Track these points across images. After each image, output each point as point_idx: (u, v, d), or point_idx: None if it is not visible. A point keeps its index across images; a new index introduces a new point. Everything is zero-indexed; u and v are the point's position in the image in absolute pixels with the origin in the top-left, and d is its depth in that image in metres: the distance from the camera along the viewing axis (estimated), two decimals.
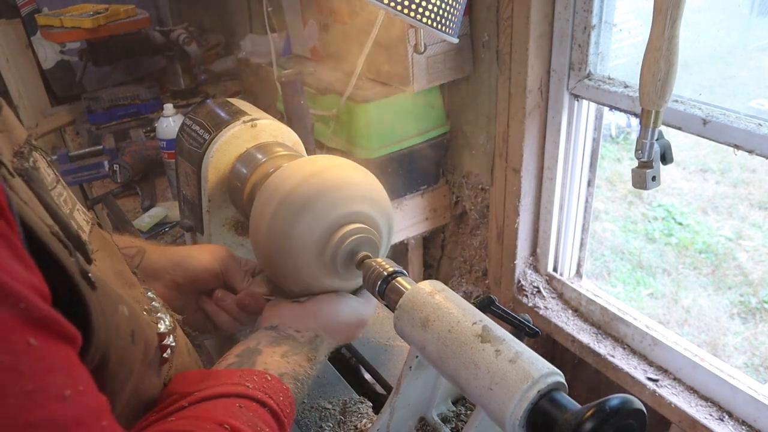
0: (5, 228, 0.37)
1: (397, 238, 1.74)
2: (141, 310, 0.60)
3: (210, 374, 0.64)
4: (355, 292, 0.82)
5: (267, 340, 0.71)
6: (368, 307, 0.81)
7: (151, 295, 0.67)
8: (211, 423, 0.55)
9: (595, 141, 1.47)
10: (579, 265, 1.62)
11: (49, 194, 0.51)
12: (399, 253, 1.85)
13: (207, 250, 0.85)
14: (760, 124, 1.09)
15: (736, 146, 1.12)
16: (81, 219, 0.60)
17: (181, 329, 0.77)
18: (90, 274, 0.46)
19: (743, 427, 1.23)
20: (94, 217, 0.65)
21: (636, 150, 1.01)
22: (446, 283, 0.72)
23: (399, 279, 0.71)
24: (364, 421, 0.81)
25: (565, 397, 0.54)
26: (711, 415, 1.26)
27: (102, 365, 0.48)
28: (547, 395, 0.53)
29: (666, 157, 1.03)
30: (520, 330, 0.66)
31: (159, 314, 0.65)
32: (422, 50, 1.23)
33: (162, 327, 0.63)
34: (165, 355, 0.62)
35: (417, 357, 0.67)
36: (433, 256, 1.96)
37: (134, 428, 0.55)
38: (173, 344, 0.65)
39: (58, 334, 0.38)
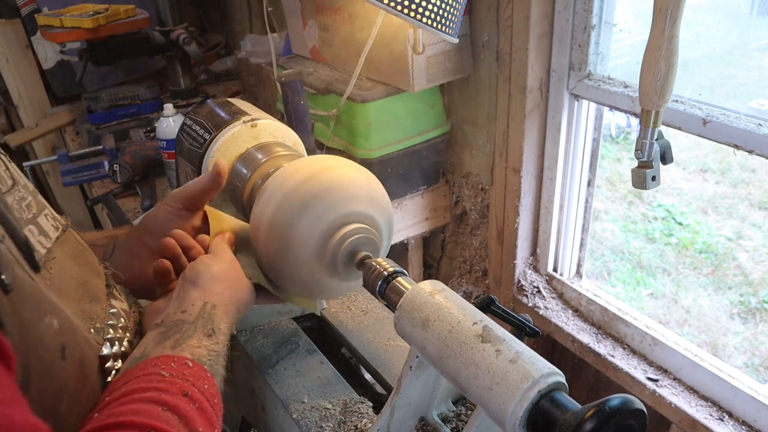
0: None
1: (397, 238, 1.74)
2: (87, 328, 0.58)
3: (126, 373, 0.60)
4: None
5: (153, 340, 0.63)
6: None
7: (114, 312, 0.64)
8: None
9: (595, 141, 1.47)
10: (579, 265, 1.62)
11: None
12: (399, 253, 1.85)
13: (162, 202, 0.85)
14: (760, 124, 1.09)
15: (736, 146, 1.12)
16: (47, 225, 0.59)
17: None
18: (3, 277, 0.45)
19: (743, 427, 1.23)
20: (67, 223, 0.63)
21: (636, 150, 1.01)
22: (446, 283, 0.72)
23: (399, 279, 0.71)
24: (365, 421, 0.81)
25: (565, 397, 0.54)
26: (711, 415, 1.26)
27: (25, 379, 0.46)
28: (548, 395, 0.53)
29: (666, 157, 1.03)
30: (520, 330, 0.67)
31: (110, 335, 0.61)
32: (421, 50, 1.23)
33: (106, 350, 0.60)
34: (108, 379, 0.60)
35: (417, 357, 0.67)
36: (433, 256, 1.96)
37: None
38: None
39: None
